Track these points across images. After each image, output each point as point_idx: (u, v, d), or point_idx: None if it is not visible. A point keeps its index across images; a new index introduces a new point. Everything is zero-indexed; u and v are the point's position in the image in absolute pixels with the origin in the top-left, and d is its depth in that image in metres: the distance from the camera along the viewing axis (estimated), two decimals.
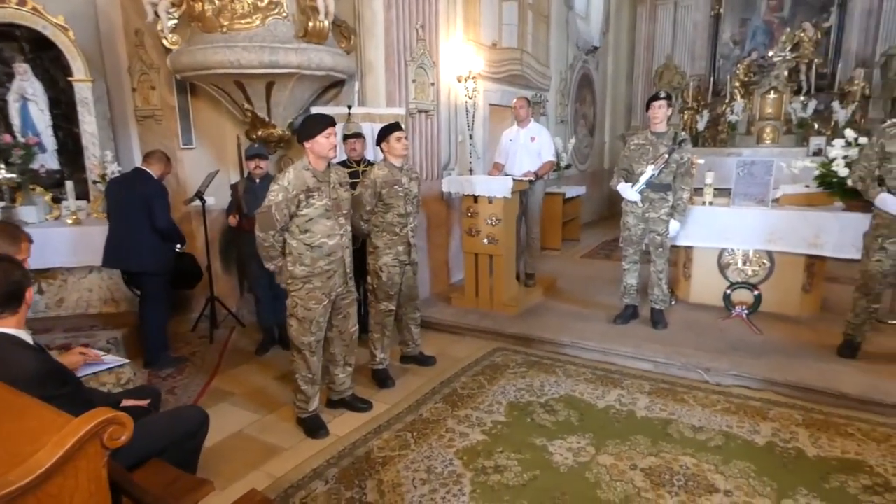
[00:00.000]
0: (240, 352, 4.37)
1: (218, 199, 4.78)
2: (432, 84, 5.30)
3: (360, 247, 3.78)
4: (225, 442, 3.03)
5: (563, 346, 4.16)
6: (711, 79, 9.87)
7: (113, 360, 2.93)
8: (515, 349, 4.24)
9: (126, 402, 2.31)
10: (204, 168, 4.73)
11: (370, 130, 4.47)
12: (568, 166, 8.37)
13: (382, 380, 3.69)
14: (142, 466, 2.02)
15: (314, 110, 4.68)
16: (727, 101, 9.13)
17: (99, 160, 4.62)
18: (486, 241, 4.80)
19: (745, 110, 8.73)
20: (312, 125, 2.89)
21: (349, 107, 4.65)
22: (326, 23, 4.22)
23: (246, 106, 4.46)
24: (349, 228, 3.13)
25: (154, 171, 3.91)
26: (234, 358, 4.25)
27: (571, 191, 8.01)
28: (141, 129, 4.95)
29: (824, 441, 2.86)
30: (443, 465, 2.74)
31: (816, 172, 4.31)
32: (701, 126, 9.24)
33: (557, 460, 2.76)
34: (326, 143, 2.87)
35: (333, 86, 4.99)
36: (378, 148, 3.74)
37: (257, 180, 4.18)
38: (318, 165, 2.92)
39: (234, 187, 4.38)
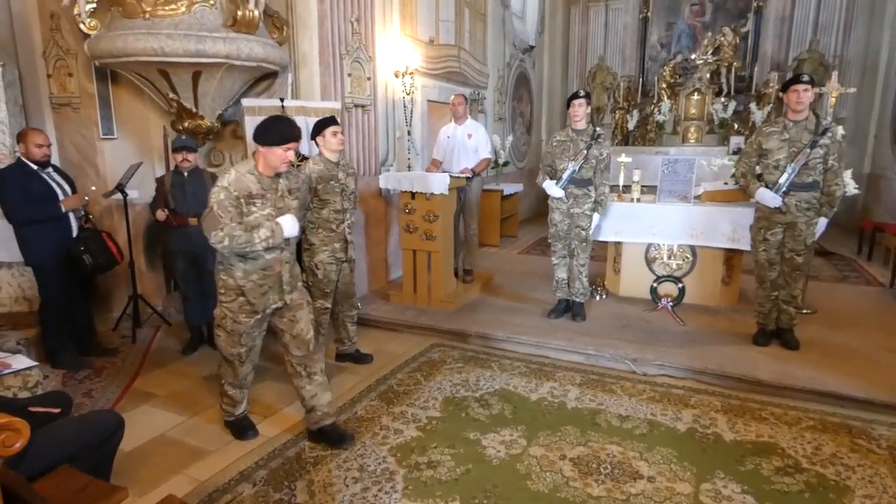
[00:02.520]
0: (165, 352, 4.18)
1: (142, 192, 4.54)
2: (369, 79, 5.23)
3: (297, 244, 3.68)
4: (145, 446, 2.89)
5: (498, 341, 4.21)
6: (641, 80, 10.26)
7: (22, 362, 2.72)
8: (453, 345, 4.26)
9: (34, 409, 2.15)
10: (126, 160, 4.48)
11: (305, 124, 4.35)
12: (506, 163, 8.50)
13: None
14: (49, 474, 1.89)
15: (245, 102, 4.53)
16: (655, 101, 9.52)
17: (9, 149, 4.27)
18: (423, 237, 4.79)
19: (672, 110, 9.14)
20: (274, 134, 2.50)
21: (282, 100, 4.52)
22: (257, 12, 4.08)
23: (171, 96, 4.25)
24: (294, 242, 2.87)
25: (21, 151, 3.67)
26: (158, 358, 4.06)
27: (509, 188, 8.13)
28: (57, 118, 4.61)
29: (740, 426, 3.04)
30: (376, 463, 2.71)
31: (733, 171, 4.55)
32: (631, 125, 9.60)
33: (490, 453, 2.79)
34: (282, 157, 2.51)
35: (265, 77, 4.84)
36: (312, 142, 3.66)
37: (185, 174, 3.99)
38: (266, 172, 2.56)
39: (159, 181, 4.16)
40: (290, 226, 2.65)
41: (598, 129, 4.42)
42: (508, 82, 9.09)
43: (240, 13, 4.01)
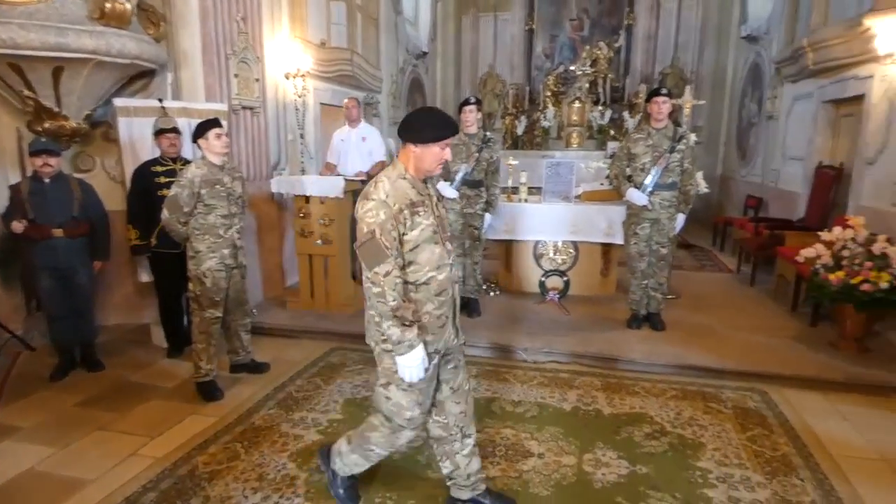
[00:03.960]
0: (28, 379, 3.74)
1: None
2: (257, 80, 5.10)
3: (182, 252, 3.53)
4: (10, 485, 2.61)
5: None
6: (528, 88, 10.84)
7: None
8: (353, 347, 4.27)
9: None
10: None
11: (188, 126, 4.17)
12: None
13: (210, 392, 3.47)
14: None
15: (118, 102, 4.27)
16: (541, 108, 10.10)
17: None
18: (319, 241, 4.76)
19: (556, 117, 9.75)
20: (430, 129, 2.07)
21: (160, 100, 4.30)
22: (128, 5, 3.87)
23: (26, 93, 3.87)
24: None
25: None
26: (20, 387, 3.62)
27: None
28: None
29: (617, 401, 3.36)
30: (275, 471, 2.68)
31: (607, 173, 4.99)
32: (520, 130, 10.11)
33: None
34: (439, 156, 2.14)
35: (141, 76, 4.57)
36: (195, 145, 3.52)
37: (46, 180, 3.64)
38: (419, 175, 2.15)
39: (14, 188, 3.73)
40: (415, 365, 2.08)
41: (488, 133, 4.66)
42: (402, 87, 9.21)
43: (108, 5, 3.78)
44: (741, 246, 6.21)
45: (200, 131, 3.41)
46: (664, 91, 4.11)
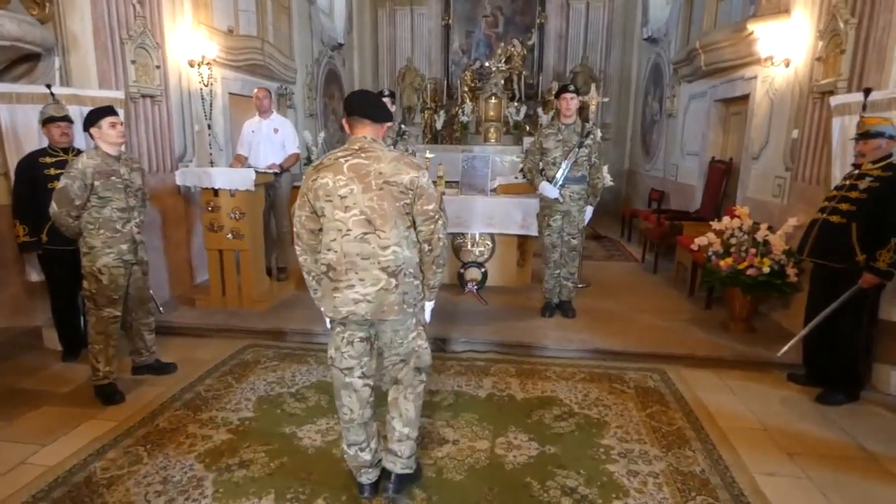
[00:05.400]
0: None
1: None
2: (157, 67, 4.80)
3: (76, 248, 3.28)
4: None
5: (315, 336, 4.21)
6: (445, 82, 10.93)
7: None
8: (267, 344, 4.15)
9: None
10: None
11: (79, 114, 3.85)
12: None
13: (109, 395, 3.26)
14: None
15: None
16: (459, 103, 10.22)
17: None
18: (230, 236, 4.58)
19: (474, 112, 9.91)
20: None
21: (48, 86, 3.96)
22: None
23: None
24: None
25: None
26: None
27: None
28: None
29: (530, 386, 3.48)
30: (181, 473, 2.57)
31: (521, 166, 5.16)
32: (439, 125, 10.18)
33: (306, 443, 2.83)
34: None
35: (24, 60, 4.19)
36: (87, 135, 3.27)
37: None
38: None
39: None
40: None
41: (403, 125, 4.66)
42: (318, 78, 9.00)
43: None
44: (645, 236, 6.62)
45: (92, 119, 3.19)
46: (571, 88, 4.30)
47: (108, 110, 3.22)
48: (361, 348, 2.27)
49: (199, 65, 5.40)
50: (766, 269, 3.93)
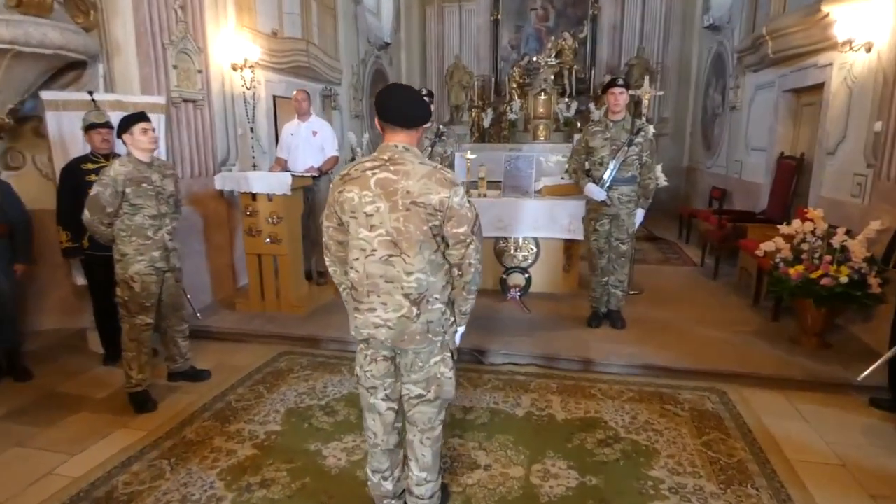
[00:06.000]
0: None
1: None
2: (200, 71, 4.82)
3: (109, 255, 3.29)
4: None
5: (350, 344, 4.07)
6: (494, 80, 10.67)
7: None
8: (302, 351, 4.07)
9: None
10: None
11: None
12: None
13: (141, 403, 3.25)
14: None
15: (45, 96, 4.00)
16: (507, 100, 9.94)
17: None
18: (268, 240, 4.55)
19: (522, 109, 9.59)
20: None
21: (90, 93, 4.01)
22: None
23: None
24: None
25: None
26: None
27: None
28: None
29: (572, 405, 3.22)
30: (201, 491, 2.48)
31: (566, 166, 4.87)
32: (486, 123, 9.93)
33: (330, 463, 2.69)
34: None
35: (71, 68, 4.28)
36: (120, 141, 3.27)
37: None
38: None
39: None
40: None
41: (441, 126, 4.48)
42: (365, 79, 8.96)
43: None
44: (705, 238, 6.15)
45: (125, 126, 3.18)
46: (620, 82, 3.97)
47: (140, 116, 3.20)
48: (385, 368, 2.09)
49: (241, 68, 5.41)
50: (844, 279, 3.50)
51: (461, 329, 2.14)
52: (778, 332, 4.09)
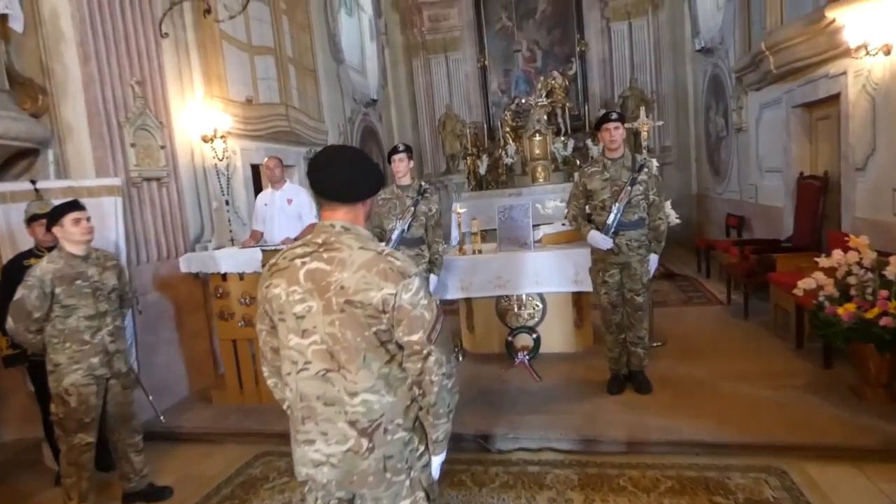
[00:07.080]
0: None
1: None
2: (163, 147, 4.51)
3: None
4: None
5: None
6: (486, 125, 10.42)
7: None
8: (281, 451, 3.52)
9: None
10: None
11: None
12: None
13: None
14: None
15: None
16: (502, 145, 9.63)
17: None
18: (241, 323, 4.10)
19: (518, 152, 9.24)
20: None
21: (33, 181, 3.68)
22: None
23: None
24: None
25: None
26: None
27: None
28: None
29: (598, 503, 2.64)
30: None
31: (566, 212, 4.40)
32: (483, 170, 9.59)
33: None
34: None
35: (24, 156, 3.98)
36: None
37: None
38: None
39: None
40: None
41: (423, 183, 4.08)
42: (353, 137, 8.72)
43: None
44: (728, 272, 5.59)
45: (54, 217, 2.80)
46: (614, 116, 3.54)
47: (71, 205, 2.83)
48: None
49: (212, 139, 5.11)
50: None
51: (438, 459, 1.60)
52: (834, 382, 3.48)
